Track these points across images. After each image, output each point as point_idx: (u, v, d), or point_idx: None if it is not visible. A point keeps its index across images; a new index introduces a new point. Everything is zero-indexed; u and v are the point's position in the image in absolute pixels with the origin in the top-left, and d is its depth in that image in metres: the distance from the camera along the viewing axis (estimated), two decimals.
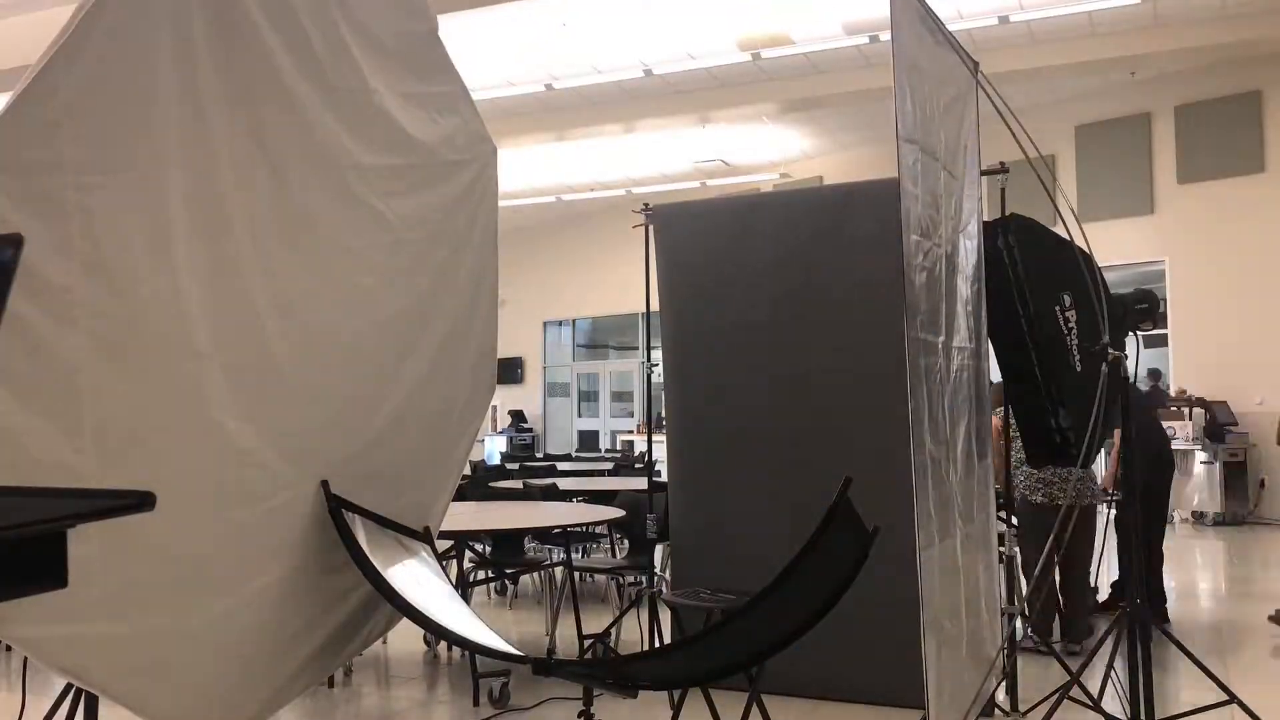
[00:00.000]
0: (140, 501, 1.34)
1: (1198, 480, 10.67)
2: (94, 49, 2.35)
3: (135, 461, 2.47)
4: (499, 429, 17.47)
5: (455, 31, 6.09)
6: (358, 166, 3.20)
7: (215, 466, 2.73)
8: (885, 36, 8.20)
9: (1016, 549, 4.57)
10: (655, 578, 5.24)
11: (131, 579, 2.47)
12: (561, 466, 9.65)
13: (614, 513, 5.52)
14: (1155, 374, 11.21)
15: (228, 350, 2.74)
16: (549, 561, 5.94)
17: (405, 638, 5.43)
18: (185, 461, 2.63)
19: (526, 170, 14.14)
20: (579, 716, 3.95)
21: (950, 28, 3.82)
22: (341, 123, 3.13)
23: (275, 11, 2.88)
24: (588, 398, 18.69)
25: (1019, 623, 4.67)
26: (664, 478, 5.18)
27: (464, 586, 5.17)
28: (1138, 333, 4.11)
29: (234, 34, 2.74)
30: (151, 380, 2.52)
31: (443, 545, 4.34)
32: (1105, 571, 6.08)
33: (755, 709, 3.29)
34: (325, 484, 3.16)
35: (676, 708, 3.32)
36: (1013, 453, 4.97)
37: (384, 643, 5.40)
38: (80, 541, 2.28)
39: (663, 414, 5.62)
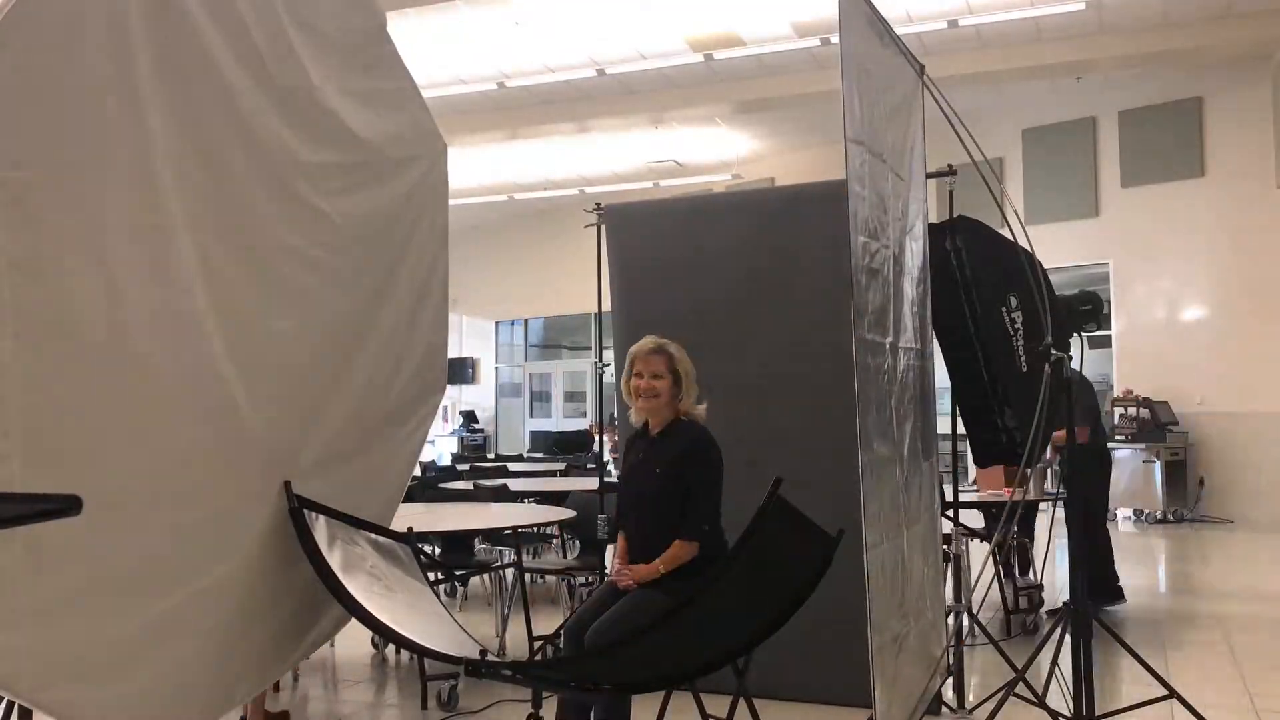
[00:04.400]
0: (67, 505, 1.30)
1: (1139, 479, 10.87)
2: (21, 40, 2.28)
3: (69, 466, 2.40)
4: (450, 429, 17.35)
5: (407, 28, 6.03)
6: (300, 164, 3.15)
7: (154, 469, 2.67)
8: (835, 39, 8.23)
9: (963, 547, 4.63)
10: (606, 578, 5.21)
11: (62, 584, 2.40)
12: (513, 467, 9.60)
13: (565, 513, 5.49)
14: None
15: (166, 351, 2.68)
16: (499, 563, 5.91)
17: (353, 641, 5.37)
18: (122, 465, 2.57)
19: (478, 169, 14.07)
20: (528, 719, 3.94)
21: (899, 31, 3.85)
22: (284, 119, 3.08)
23: (215, 6, 2.82)
24: (540, 398, 18.63)
25: (965, 619, 4.73)
26: (615, 478, 5.16)
27: None
28: (1082, 333, 4.17)
29: (171, 28, 2.68)
30: (85, 383, 2.46)
31: None
32: (1052, 569, 6.18)
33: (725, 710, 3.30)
34: (288, 484, 3.13)
35: (661, 709, 3.33)
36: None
37: (331, 646, 5.33)
38: (4, 547, 2.21)
39: (615, 414, 5.60)
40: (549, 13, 9.43)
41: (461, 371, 17.71)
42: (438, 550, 5.96)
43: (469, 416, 17.58)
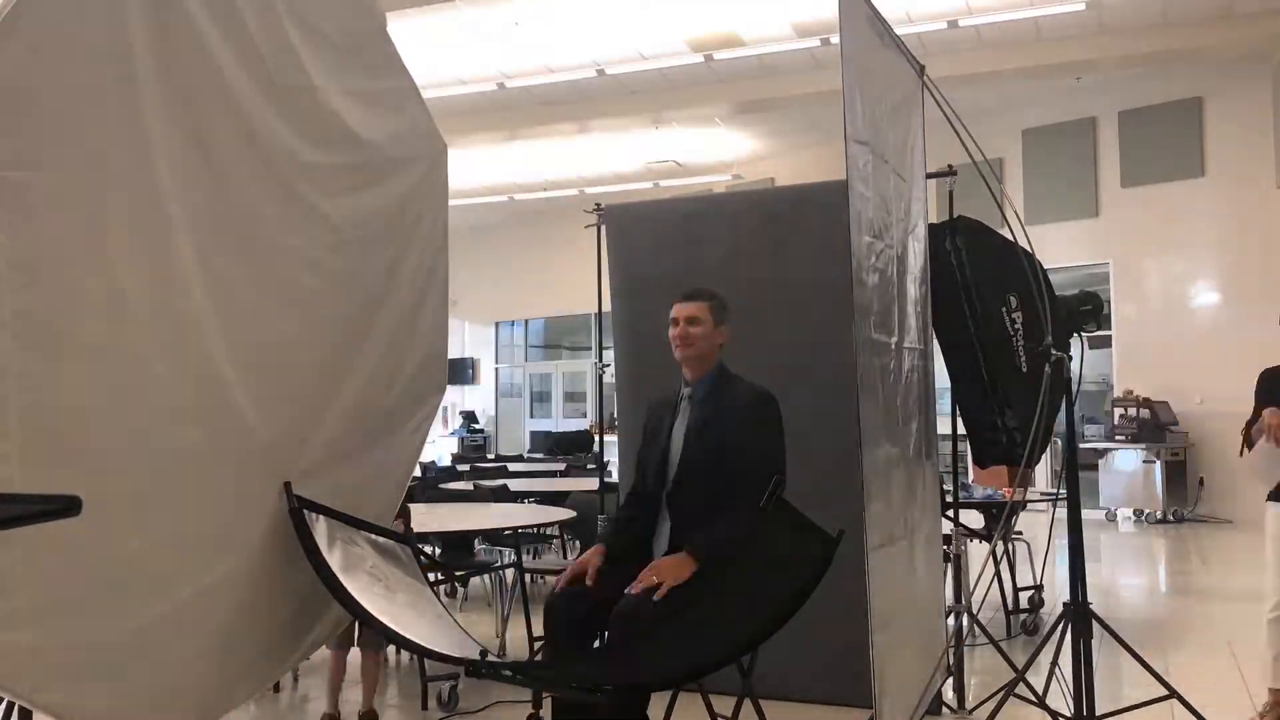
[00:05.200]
0: (67, 506, 1.30)
1: (1139, 479, 10.86)
2: (22, 43, 2.28)
3: (69, 466, 2.40)
4: (450, 430, 17.34)
5: (407, 29, 6.03)
6: (301, 165, 3.15)
7: (154, 469, 2.67)
8: (836, 39, 8.21)
9: (963, 547, 4.63)
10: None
11: (62, 585, 2.40)
12: (513, 467, 9.60)
13: (565, 514, 5.49)
14: None
15: (166, 351, 2.68)
16: (499, 563, 5.90)
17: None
18: (122, 465, 2.57)
19: (478, 169, 14.07)
20: (528, 719, 3.94)
21: (899, 31, 3.84)
22: (284, 120, 3.07)
23: (216, 6, 2.82)
24: (540, 398, 18.64)
25: (965, 619, 4.73)
26: (615, 478, 5.16)
27: None
28: (1082, 334, 4.17)
29: (172, 29, 2.68)
30: (86, 383, 2.46)
31: None
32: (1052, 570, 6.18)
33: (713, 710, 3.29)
34: (288, 485, 3.13)
35: (668, 709, 3.32)
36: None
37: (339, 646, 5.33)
38: (4, 547, 2.21)
39: (615, 414, 5.61)
40: (549, 13, 9.42)
41: (461, 372, 17.70)
42: (438, 550, 5.96)
43: (469, 417, 17.57)
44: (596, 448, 9.92)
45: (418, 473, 6.83)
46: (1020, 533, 6.45)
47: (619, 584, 3.11)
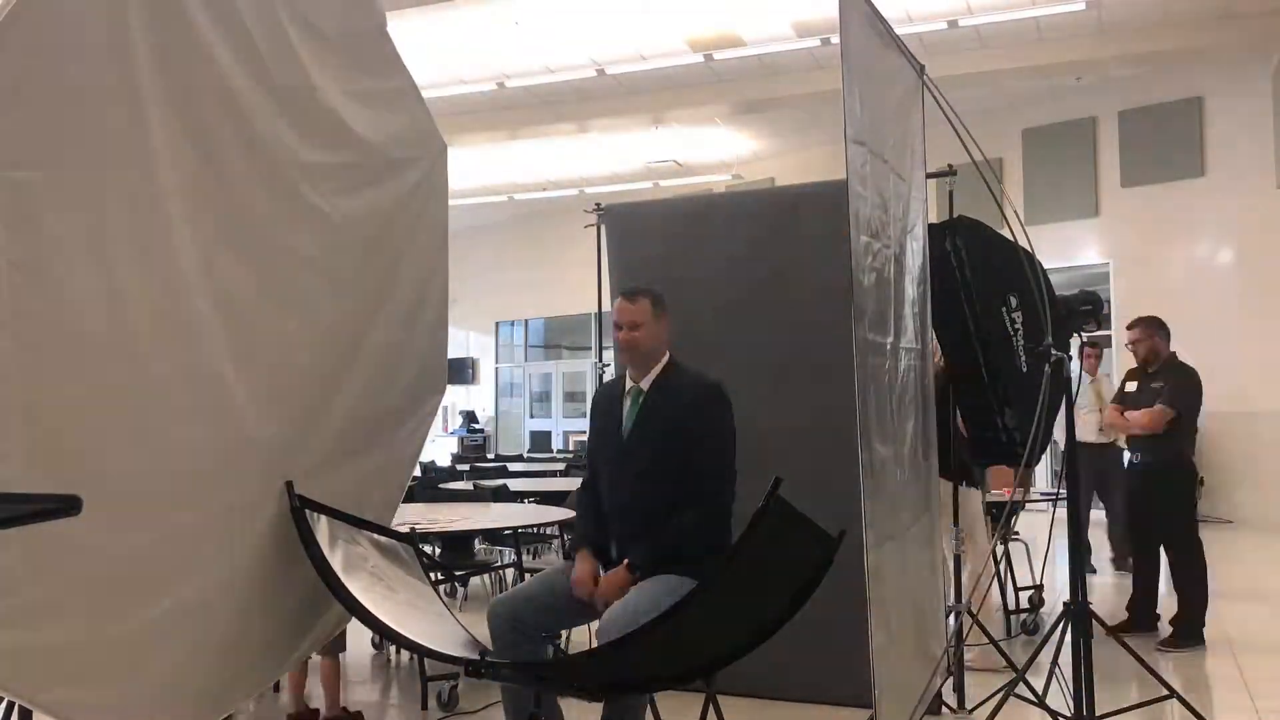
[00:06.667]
0: (67, 506, 1.30)
1: None
2: (21, 42, 2.28)
3: (69, 466, 2.40)
4: (450, 430, 17.35)
5: (407, 29, 6.03)
6: (300, 164, 3.14)
7: (154, 469, 2.66)
8: (836, 39, 8.17)
9: (962, 548, 4.63)
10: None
11: (62, 584, 2.40)
12: (513, 467, 9.61)
13: (565, 514, 5.49)
14: None
15: (166, 351, 2.68)
16: (499, 563, 5.90)
17: (354, 641, 5.36)
18: (122, 465, 2.57)
19: (478, 169, 14.07)
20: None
21: (899, 31, 3.84)
22: (284, 120, 3.07)
23: (216, 7, 2.82)
24: (540, 398, 18.65)
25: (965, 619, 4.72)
26: None
27: None
28: (1082, 334, 4.17)
29: (170, 28, 2.67)
30: (85, 383, 2.45)
31: None
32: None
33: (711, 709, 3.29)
34: (289, 484, 3.12)
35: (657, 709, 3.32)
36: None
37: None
38: (4, 547, 2.21)
39: None
40: (549, 13, 9.43)
41: (461, 372, 17.71)
42: (438, 550, 5.96)
43: (469, 417, 17.58)
44: None
45: (418, 473, 6.83)
46: (1019, 533, 6.45)
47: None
